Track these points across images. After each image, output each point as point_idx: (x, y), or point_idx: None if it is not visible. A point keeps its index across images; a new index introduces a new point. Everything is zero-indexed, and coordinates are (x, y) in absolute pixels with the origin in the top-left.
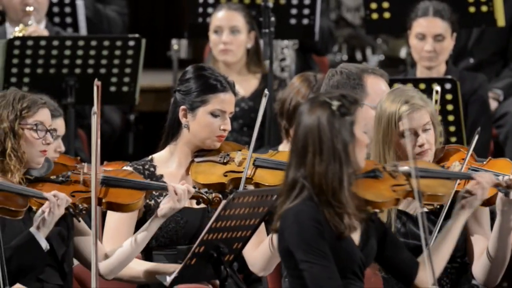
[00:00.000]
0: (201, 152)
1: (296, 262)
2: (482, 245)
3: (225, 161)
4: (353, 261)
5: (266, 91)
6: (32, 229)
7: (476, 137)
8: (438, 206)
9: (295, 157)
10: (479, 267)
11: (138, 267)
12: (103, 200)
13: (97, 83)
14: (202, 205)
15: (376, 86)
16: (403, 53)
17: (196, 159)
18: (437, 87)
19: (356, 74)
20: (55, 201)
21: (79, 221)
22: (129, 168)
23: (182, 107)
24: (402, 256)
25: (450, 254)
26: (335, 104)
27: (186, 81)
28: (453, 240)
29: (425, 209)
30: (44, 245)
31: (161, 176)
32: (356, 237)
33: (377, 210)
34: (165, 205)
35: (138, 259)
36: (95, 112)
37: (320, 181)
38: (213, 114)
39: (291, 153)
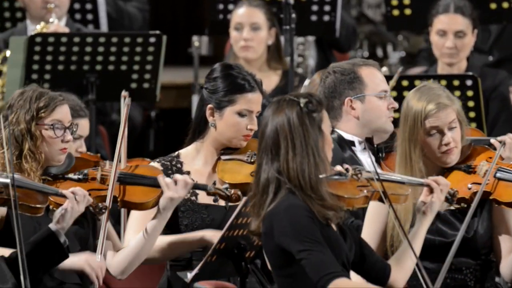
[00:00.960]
0: (227, 150)
1: (287, 258)
2: (509, 243)
3: (252, 160)
4: (340, 252)
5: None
6: (52, 225)
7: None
8: (465, 205)
9: (266, 155)
10: (507, 266)
11: (165, 238)
12: (118, 198)
13: (124, 94)
14: (224, 202)
15: (372, 76)
16: None
17: (223, 157)
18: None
19: (349, 69)
20: (73, 198)
21: (99, 220)
22: (156, 164)
23: (209, 105)
24: (374, 259)
25: (419, 251)
26: (303, 101)
27: (214, 79)
28: (419, 243)
29: (452, 207)
30: (63, 240)
31: (188, 173)
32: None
33: (349, 208)
34: (164, 198)
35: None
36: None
37: (297, 176)
38: (240, 114)
39: (260, 154)
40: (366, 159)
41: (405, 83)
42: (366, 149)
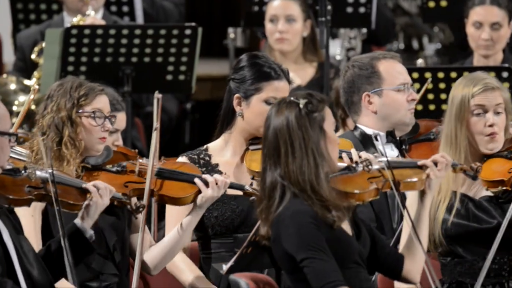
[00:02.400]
0: (255, 140)
1: (296, 265)
2: None
3: None
4: (351, 250)
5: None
6: (76, 220)
7: None
8: (503, 188)
9: (269, 159)
10: None
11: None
12: (156, 192)
13: (157, 95)
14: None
15: (391, 69)
16: None
17: (251, 147)
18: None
19: (368, 63)
20: (95, 191)
21: (136, 218)
22: (183, 158)
23: (236, 95)
24: (388, 251)
25: (427, 238)
26: (302, 102)
27: (240, 69)
28: (425, 224)
29: (490, 193)
30: (89, 235)
31: (217, 165)
32: (347, 228)
33: (360, 202)
34: (204, 196)
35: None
36: (156, 128)
37: (297, 179)
38: (267, 102)
39: (264, 157)
40: (390, 152)
41: (441, 75)
42: (388, 142)
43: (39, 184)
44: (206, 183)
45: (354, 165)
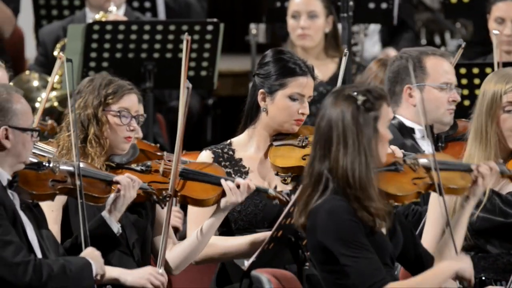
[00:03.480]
0: (279, 136)
1: (329, 256)
2: None
3: (303, 144)
4: (385, 253)
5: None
6: (104, 213)
7: None
8: None
9: (319, 150)
10: None
11: (231, 242)
12: (179, 193)
13: (187, 85)
14: (279, 189)
15: (438, 66)
16: None
17: (275, 143)
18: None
19: (416, 57)
20: (126, 184)
21: (162, 207)
22: (207, 152)
23: (261, 90)
24: (420, 252)
25: (462, 243)
26: (360, 99)
27: (265, 64)
28: (463, 230)
29: None
30: (116, 229)
31: (240, 159)
32: (383, 228)
33: (399, 204)
34: (227, 201)
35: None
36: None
37: (345, 175)
38: (292, 98)
39: (315, 145)
40: (426, 147)
41: (475, 70)
42: (426, 136)
43: (64, 177)
44: (230, 188)
45: (401, 162)
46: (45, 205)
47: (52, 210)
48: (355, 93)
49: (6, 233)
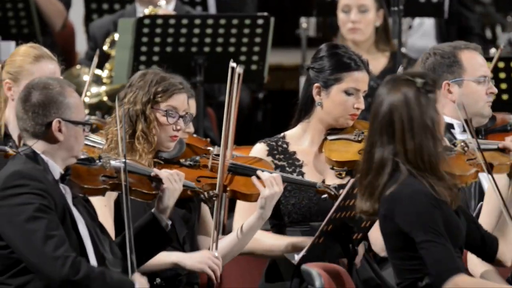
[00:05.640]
0: (334, 130)
1: (407, 242)
2: None
3: (359, 139)
4: (459, 236)
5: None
6: (154, 210)
7: None
8: None
9: (381, 136)
10: None
11: (271, 240)
12: (228, 188)
13: (239, 70)
14: (335, 183)
15: (473, 60)
16: None
17: (329, 137)
18: None
19: (450, 52)
20: (167, 179)
21: (210, 206)
22: (262, 145)
23: (316, 84)
24: (483, 234)
25: None
26: (419, 81)
27: (320, 59)
28: None
29: None
30: (165, 224)
31: (294, 153)
32: None
33: (463, 185)
34: (262, 196)
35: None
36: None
37: (415, 157)
38: (347, 92)
39: (373, 132)
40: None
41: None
42: (464, 131)
43: (113, 173)
44: (262, 182)
45: (452, 147)
46: (97, 200)
47: (105, 205)
48: (412, 77)
49: (50, 227)
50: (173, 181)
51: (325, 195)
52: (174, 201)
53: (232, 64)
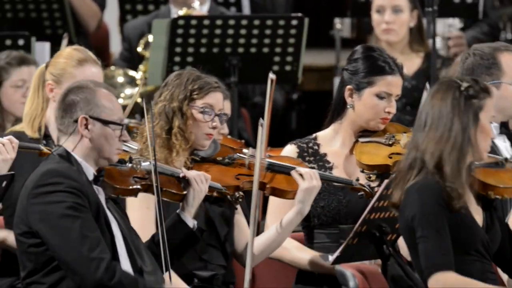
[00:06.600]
0: (365, 133)
1: (413, 237)
2: None
3: (390, 142)
4: (475, 238)
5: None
6: (179, 210)
7: None
8: None
9: (418, 135)
10: None
11: (300, 254)
12: (267, 185)
13: (272, 76)
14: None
15: (511, 62)
16: None
17: (361, 139)
18: None
19: (489, 53)
20: (194, 180)
21: (236, 208)
22: (292, 146)
23: (348, 86)
24: None
25: None
26: (464, 85)
27: (354, 61)
28: None
29: None
30: (191, 224)
31: (325, 154)
32: (479, 218)
33: (498, 197)
34: (300, 188)
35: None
36: (262, 124)
37: (433, 157)
38: (379, 96)
39: (414, 133)
40: (502, 143)
41: None
42: (501, 133)
43: (145, 174)
44: (301, 175)
45: (503, 161)
46: (141, 202)
47: (147, 207)
48: (460, 80)
49: (85, 226)
50: (200, 182)
51: (361, 193)
52: (199, 202)
53: (272, 75)
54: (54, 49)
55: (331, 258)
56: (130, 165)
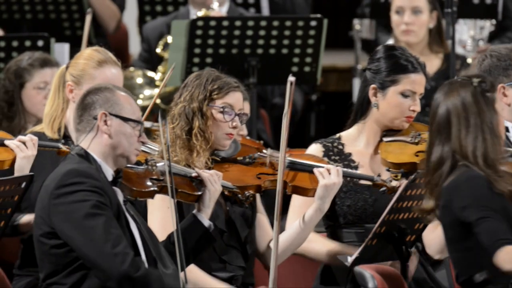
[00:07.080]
0: (390, 132)
1: (465, 232)
2: None
3: (416, 141)
4: None
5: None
6: (195, 211)
7: None
8: None
9: (439, 135)
10: None
11: (323, 247)
12: (289, 184)
13: (291, 78)
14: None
15: None
16: None
17: (385, 139)
18: None
19: (506, 55)
20: (207, 180)
21: (246, 207)
22: (317, 145)
23: (373, 85)
24: None
25: None
26: (476, 81)
27: (377, 60)
28: None
29: None
30: (207, 224)
31: (350, 154)
32: None
33: None
34: (320, 185)
35: (324, 237)
36: (286, 114)
37: (469, 154)
38: (404, 95)
39: (432, 133)
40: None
41: None
42: None
43: (160, 176)
44: (322, 173)
45: None
46: (162, 202)
47: (168, 207)
48: (469, 78)
49: (108, 223)
50: (213, 182)
51: (384, 188)
52: (214, 201)
53: (291, 78)
54: (74, 50)
55: (350, 259)
56: (145, 166)
